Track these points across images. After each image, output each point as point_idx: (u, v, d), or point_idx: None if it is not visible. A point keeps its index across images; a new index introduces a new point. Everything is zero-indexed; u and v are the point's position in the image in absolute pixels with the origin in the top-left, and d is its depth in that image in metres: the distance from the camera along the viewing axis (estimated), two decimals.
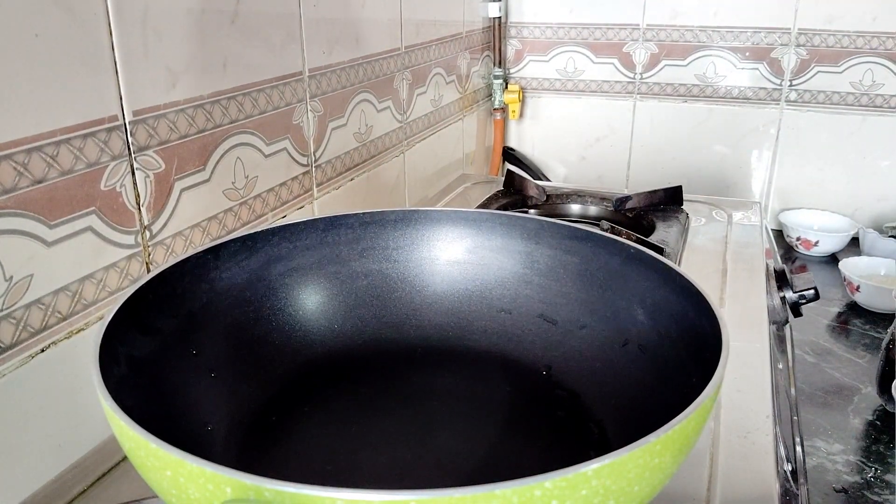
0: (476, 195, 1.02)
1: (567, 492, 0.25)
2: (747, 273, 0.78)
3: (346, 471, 0.40)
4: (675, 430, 0.28)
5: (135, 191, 0.53)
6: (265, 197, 0.69)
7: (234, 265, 0.45)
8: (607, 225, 0.80)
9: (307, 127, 0.75)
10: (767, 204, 1.49)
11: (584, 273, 0.47)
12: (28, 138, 0.44)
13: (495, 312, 0.50)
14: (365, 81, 0.86)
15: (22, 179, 0.44)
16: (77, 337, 0.49)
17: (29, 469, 0.46)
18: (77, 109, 0.47)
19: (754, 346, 0.63)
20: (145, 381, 0.37)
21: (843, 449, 0.89)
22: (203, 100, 0.59)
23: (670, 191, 0.93)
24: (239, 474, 0.25)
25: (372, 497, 0.24)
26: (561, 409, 0.45)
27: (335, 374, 0.48)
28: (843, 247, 1.42)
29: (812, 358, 1.09)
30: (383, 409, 0.45)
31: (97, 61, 0.48)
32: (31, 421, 0.46)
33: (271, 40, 0.67)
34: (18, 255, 0.44)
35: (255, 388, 0.45)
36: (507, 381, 0.48)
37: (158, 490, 0.29)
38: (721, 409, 0.53)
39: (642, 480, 0.27)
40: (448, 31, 1.13)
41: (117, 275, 0.52)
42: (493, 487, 0.24)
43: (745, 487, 0.45)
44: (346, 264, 0.50)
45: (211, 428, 0.41)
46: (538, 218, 0.49)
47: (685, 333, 0.39)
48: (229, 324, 0.45)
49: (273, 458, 0.41)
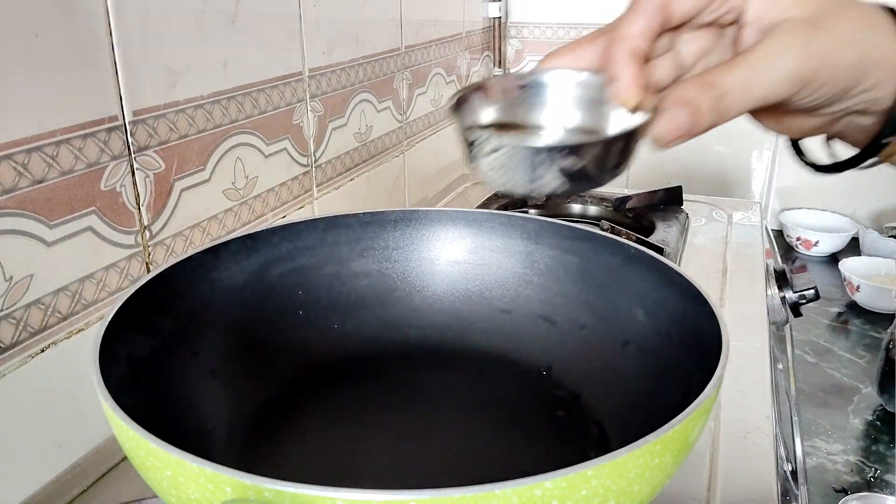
0: (476, 195, 1.02)
1: (567, 492, 0.25)
2: (747, 273, 0.78)
3: (345, 471, 0.40)
4: (676, 430, 0.27)
5: (135, 191, 0.53)
6: (265, 197, 0.69)
7: (235, 265, 0.45)
8: (607, 225, 0.80)
9: (307, 127, 0.75)
10: (767, 204, 1.49)
11: (584, 273, 0.47)
12: (28, 138, 0.44)
13: (495, 313, 0.50)
14: (365, 81, 0.86)
15: (22, 179, 0.44)
16: (77, 337, 0.49)
17: (29, 469, 0.46)
18: (77, 109, 0.47)
19: (754, 346, 0.63)
20: (145, 381, 0.37)
21: (843, 449, 0.89)
22: (203, 100, 0.59)
23: (670, 191, 0.93)
24: (239, 474, 0.25)
25: (372, 497, 0.24)
26: (561, 409, 0.45)
27: (335, 374, 0.48)
28: (844, 247, 1.42)
29: (812, 358, 1.09)
30: (383, 409, 0.45)
31: (97, 61, 0.48)
32: (31, 421, 0.46)
33: (271, 40, 0.67)
34: (18, 255, 0.44)
35: (255, 387, 0.45)
36: (507, 382, 0.48)
37: (158, 490, 0.29)
38: (721, 410, 0.53)
39: (642, 480, 0.27)
40: (448, 31, 1.13)
41: (117, 275, 0.52)
42: (492, 487, 0.24)
43: (745, 488, 0.45)
44: (346, 264, 0.50)
45: (211, 428, 0.41)
46: (538, 218, 0.49)
47: (685, 333, 0.39)
48: (229, 324, 0.45)
49: (273, 458, 0.41)
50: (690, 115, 0.31)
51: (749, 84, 0.31)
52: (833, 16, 0.31)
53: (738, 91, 0.31)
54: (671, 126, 0.31)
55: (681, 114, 0.31)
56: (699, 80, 0.31)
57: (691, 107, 0.31)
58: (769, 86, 0.31)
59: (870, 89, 0.33)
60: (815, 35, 0.31)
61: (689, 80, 0.32)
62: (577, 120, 0.34)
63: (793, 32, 0.31)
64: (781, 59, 0.31)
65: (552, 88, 0.34)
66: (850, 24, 0.31)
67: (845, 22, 0.31)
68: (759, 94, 0.31)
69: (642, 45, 0.32)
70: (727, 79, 0.31)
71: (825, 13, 0.31)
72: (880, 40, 0.32)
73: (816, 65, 0.31)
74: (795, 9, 0.31)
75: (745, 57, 0.31)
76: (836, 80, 0.32)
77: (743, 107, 0.31)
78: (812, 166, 0.40)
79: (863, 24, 0.32)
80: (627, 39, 0.31)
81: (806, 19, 0.31)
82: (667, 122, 0.31)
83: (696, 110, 0.31)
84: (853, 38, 0.31)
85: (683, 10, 0.32)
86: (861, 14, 0.32)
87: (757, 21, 0.32)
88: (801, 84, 0.31)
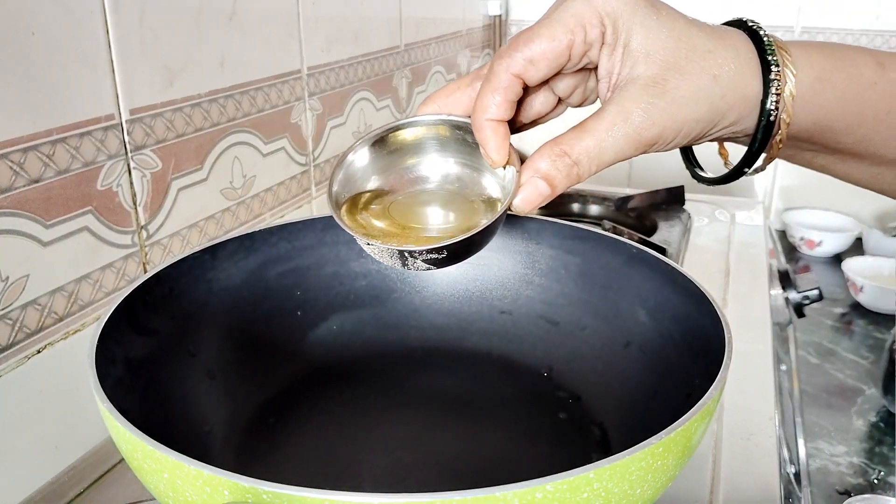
0: None
1: (568, 494, 0.25)
2: (750, 273, 0.77)
3: (344, 473, 0.40)
4: (678, 432, 0.27)
5: (131, 190, 0.52)
6: (263, 196, 0.68)
7: (232, 265, 0.45)
8: (609, 225, 0.79)
9: (306, 126, 0.74)
10: (771, 203, 1.49)
11: (585, 273, 0.47)
12: (24, 137, 0.43)
13: (496, 313, 0.50)
14: (364, 79, 0.86)
15: (18, 179, 0.43)
16: (73, 338, 0.49)
17: (25, 471, 0.46)
18: (73, 108, 0.47)
19: (757, 347, 0.63)
20: (142, 383, 0.37)
21: (847, 451, 0.89)
22: (200, 98, 0.58)
23: (673, 190, 0.93)
24: (236, 477, 0.24)
25: (371, 500, 0.23)
26: (562, 410, 0.44)
27: (333, 375, 0.47)
28: (847, 247, 1.41)
29: (815, 359, 1.08)
30: (382, 410, 0.45)
31: (94, 60, 0.48)
32: (27, 423, 0.46)
33: (269, 38, 0.67)
34: (14, 255, 0.44)
35: (252, 389, 0.44)
36: (508, 383, 0.47)
37: (155, 493, 0.29)
38: (724, 411, 0.53)
39: (644, 483, 0.27)
40: (448, 29, 1.13)
41: (114, 275, 0.52)
42: (493, 490, 0.24)
43: (748, 490, 0.45)
44: (344, 264, 0.49)
45: (208, 429, 0.40)
46: (539, 217, 0.49)
47: (688, 334, 0.39)
48: (227, 324, 0.44)
49: (271, 461, 0.41)
50: (547, 186, 0.34)
51: (598, 152, 0.33)
52: (678, 74, 0.32)
53: (588, 159, 0.33)
54: (532, 197, 0.34)
55: (539, 184, 0.34)
56: (552, 149, 0.33)
57: (547, 179, 0.34)
58: (616, 151, 0.33)
59: (733, 124, 0.34)
60: (657, 99, 0.32)
61: (543, 150, 0.34)
62: (455, 169, 0.38)
63: (636, 99, 0.33)
64: (625, 126, 0.33)
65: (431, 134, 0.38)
66: (695, 81, 0.32)
67: (689, 80, 0.32)
68: (608, 159, 0.34)
69: (502, 114, 0.34)
70: (577, 148, 0.33)
71: (671, 71, 0.32)
72: (732, 86, 0.33)
73: (660, 128, 0.33)
74: (641, 67, 0.33)
75: (593, 123, 0.33)
76: (684, 132, 0.33)
77: (594, 171, 0.34)
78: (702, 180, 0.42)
79: (710, 76, 0.33)
80: (488, 109, 0.34)
81: (650, 80, 0.33)
82: (528, 195, 0.34)
83: (551, 182, 0.34)
84: (696, 97, 0.33)
85: (538, 75, 0.34)
86: (709, 63, 0.33)
87: (607, 77, 0.34)
88: (646, 145, 0.33)
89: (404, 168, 0.38)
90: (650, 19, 0.33)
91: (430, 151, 0.38)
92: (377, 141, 0.38)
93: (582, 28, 0.32)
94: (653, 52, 0.32)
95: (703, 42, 0.33)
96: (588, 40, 0.33)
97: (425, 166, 0.38)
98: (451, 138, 0.37)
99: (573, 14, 0.32)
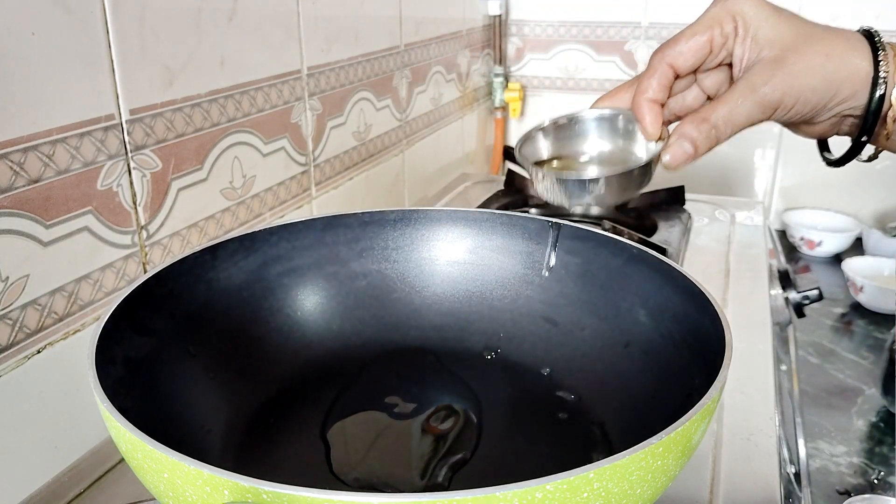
0: (476, 194, 1.01)
1: (568, 494, 0.25)
2: (750, 273, 0.77)
3: (344, 473, 0.40)
4: (678, 432, 0.27)
5: (131, 190, 0.52)
6: (263, 196, 0.68)
7: (232, 265, 0.45)
8: (609, 225, 0.79)
9: (305, 126, 0.74)
10: (771, 203, 1.49)
11: (585, 273, 0.47)
12: (24, 137, 0.43)
13: (496, 313, 0.50)
14: (364, 80, 0.85)
15: (18, 179, 0.43)
16: (73, 338, 0.49)
17: (25, 471, 0.46)
18: (73, 108, 0.47)
19: (757, 347, 0.63)
20: (142, 383, 0.37)
21: (847, 451, 0.88)
22: (200, 98, 0.58)
23: (672, 190, 0.93)
24: (237, 476, 0.24)
25: (370, 500, 0.23)
26: (562, 410, 0.44)
27: (334, 375, 0.47)
28: (847, 247, 1.41)
29: (815, 359, 1.08)
30: (382, 411, 0.45)
31: (94, 59, 0.48)
32: (27, 423, 0.46)
33: (269, 38, 0.67)
34: (14, 255, 0.44)
35: (253, 389, 0.44)
36: (508, 383, 0.47)
37: (156, 493, 0.29)
38: (724, 411, 0.53)
39: (645, 483, 0.27)
40: (448, 29, 1.12)
41: (114, 275, 0.51)
42: (493, 490, 0.23)
43: (748, 490, 0.45)
44: (344, 264, 0.49)
45: (208, 429, 0.40)
46: (539, 218, 0.49)
47: (688, 334, 0.39)
48: (227, 324, 0.44)
49: (271, 460, 0.41)
50: (691, 146, 0.42)
51: (731, 116, 0.42)
52: (796, 53, 0.41)
53: (723, 122, 0.42)
54: (677, 155, 0.43)
55: (685, 145, 0.43)
56: (695, 117, 0.43)
57: (690, 139, 0.42)
58: (747, 114, 0.42)
59: (847, 99, 0.42)
60: (777, 71, 0.41)
61: (687, 119, 0.43)
62: (611, 147, 0.49)
63: (760, 72, 0.42)
64: (753, 95, 0.42)
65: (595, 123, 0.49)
66: (811, 58, 0.41)
67: (806, 56, 0.41)
68: (741, 122, 0.42)
69: (658, 95, 0.45)
70: (714, 115, 0.42)
71: (790, 52, 0.42)
72: (843, 63, 0.41)
73: (781, 93, 0.41)
74: (766, 51, 0.42)
75: (726, 95, 0.43)
76: (802, 100, 0.42)
77: (730, 133, 0.43)
78: (826, 161, 0.50)
79: (823, 55, 0.41)
80: (647, 91, 0.45)
81: (772, 59, 0.42)
82: (673, 152, 0.43)
83: (693, 141, 0.42)
84: (811, 70, 0.41)
85: (687, 64, 0.44)
86: (822, 46, 0.42)
87: (739, 62, 0.44)
88: (771, 108, 0.42)
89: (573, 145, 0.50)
90: (773, 17, 0.42)
91: (593, 136, 0.49)
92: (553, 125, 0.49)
93: (719, 24, 0.43)
94: (775, 39, 0.42)
95: (817, 31, 0.42)
96: (724, 33, 0.43)
97: (588, 145, 0.49)
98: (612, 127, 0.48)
99: (711, 15, 0.43)
